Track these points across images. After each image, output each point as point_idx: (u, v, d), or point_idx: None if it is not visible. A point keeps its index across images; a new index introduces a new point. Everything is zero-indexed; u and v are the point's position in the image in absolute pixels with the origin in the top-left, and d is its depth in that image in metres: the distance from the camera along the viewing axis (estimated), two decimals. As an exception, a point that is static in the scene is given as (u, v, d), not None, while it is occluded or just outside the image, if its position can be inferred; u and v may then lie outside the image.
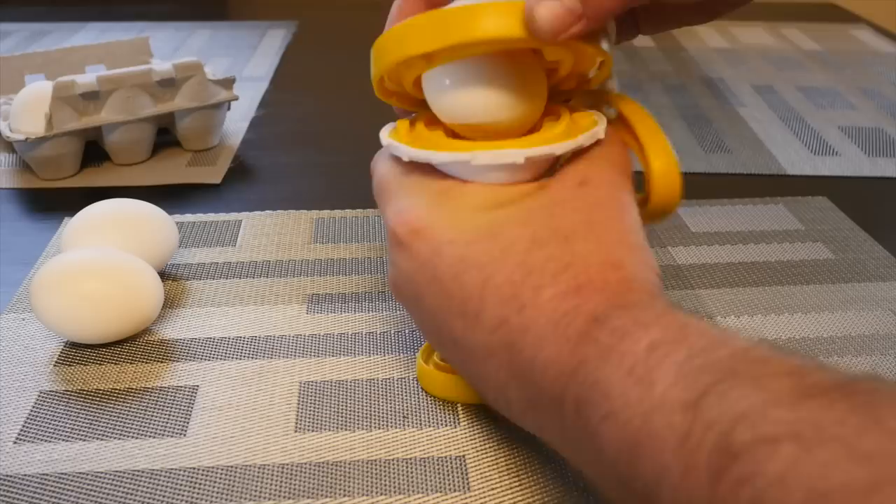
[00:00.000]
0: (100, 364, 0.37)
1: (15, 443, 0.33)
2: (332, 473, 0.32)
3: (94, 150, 0.57)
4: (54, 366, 0.37)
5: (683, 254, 0.48)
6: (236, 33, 0.89)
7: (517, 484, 0.31)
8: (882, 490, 0.16)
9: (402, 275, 0.30)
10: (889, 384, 0.19)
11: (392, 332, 0.40)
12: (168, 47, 0.83)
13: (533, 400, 0.26)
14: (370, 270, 0.45)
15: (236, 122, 0.65)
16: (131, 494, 0.30)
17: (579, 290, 0.25)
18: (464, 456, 0.32)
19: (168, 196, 0.53)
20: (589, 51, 0.30)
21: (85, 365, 0.37)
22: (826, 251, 0.48)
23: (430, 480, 0.31)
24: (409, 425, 0.34)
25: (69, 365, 0.37)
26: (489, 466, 0.32)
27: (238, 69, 0.78)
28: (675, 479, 0.19)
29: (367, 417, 0.34)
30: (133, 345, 0.39)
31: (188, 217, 0.50)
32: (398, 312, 0.42)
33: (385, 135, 0.33)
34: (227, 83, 0.59)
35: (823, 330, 0.41)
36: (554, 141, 0.30)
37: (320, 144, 0.63)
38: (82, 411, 0.35)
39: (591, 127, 0.31)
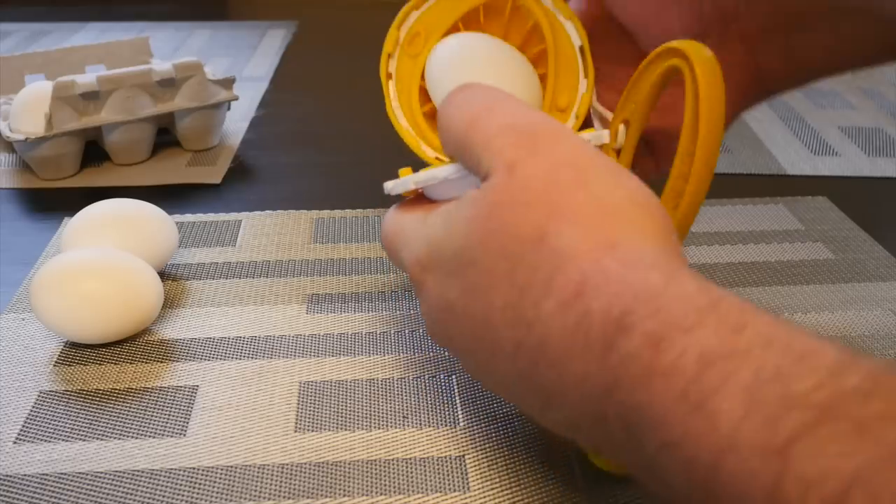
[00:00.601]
0: (100, 364, 0.37)
1: (15, 443, 0.33)
2: (331, 473, 0.32)
3: (94, 150, 0.57)
4: (54, 366, 0.37)
5: (683, 254, 0.48)
6: (236, 33, 0.89)
7: (517, 484, 0.31)
8: None
9: (427, 317, 0.30)
10: None
11: (392, 332, 0.40)
12: (168, 47, 0.83)
13: (575, 420, 0.23)
14: (370, 270, 0.45)
15: (236, 122, 0.65)
16: (131, 494, 0.30)
17: (580, 292, 0.22)
18: (464, 456, 0.32)
19: (168, 196, 0.53)
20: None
21: (85, 365, 0.37)
22: (826, 251, 0.48)
23: (430, 480, 0.31)
24: (408, 425, 0.34)
25: (69, 365, 0.37)
26: (489, 466, 0.32)
27: (238, 69, 0.78)
28: None
29: (367, 417, 0.34)
30: (133, 345, 0.39)
31: (188, 217, 0.50)
32: (398, 312, 0.42)
33: (389, 183, 0.33)
34: (227, 83, 0.59)
35: (823, 330, 0.41)
36: None
37: (320, 144, 0.63)
38: (82, 411, 0.35)
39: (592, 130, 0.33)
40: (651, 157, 0.37)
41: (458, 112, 0.29)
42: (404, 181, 0.32)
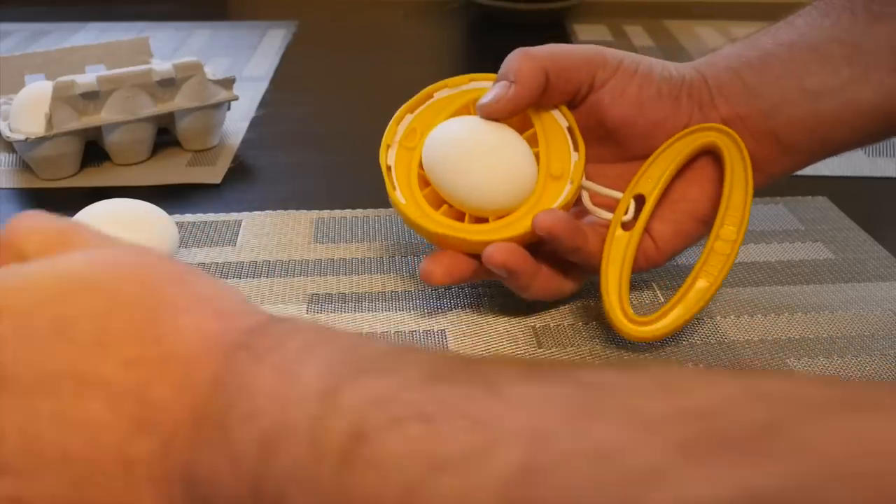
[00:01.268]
0: (100, 364, 0.37)
1: (15, 443, 0.33)
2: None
3: (94, 150, 0.57)
4: (54, 366, 0.37)
5: (684, 254, 0.47)
6: (236, 33, 0.89)
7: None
8: (492, 450, 0.17)
9: None
10: (506, 359, 0.20)
11: (392, 332, 0.40)
12: (168, 47, 0.83)
13: (172, 434, 0.22)
14: (370, 270, 0.45)
15: (236, 122, 0.65)
16: (131, 494, 0.30)
17: (224, 315, 0.24)
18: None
19: (168, 196, 0.53)
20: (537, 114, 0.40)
21: (85, 365, 0.37)
22: (826, 251, 0.48)
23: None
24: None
25: (69, 365, 0.37)
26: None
27: (238, 69, 0.78)
28: (306, 472, 0.19)
29: (366, 417, 0.34)
30: (133, 345, 0.39)
31: (188, 217, 0.50)
32: (398, 312, 0.42)
33: None
34: (227, 83, 0.59)
35: (823, 330, 0.41)
36: None
37: (320, 144, 0.63)
38: (82, 411, 0.35)
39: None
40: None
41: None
42: None
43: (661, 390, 0.18)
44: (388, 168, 0.40)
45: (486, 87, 0.40)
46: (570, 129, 0.40)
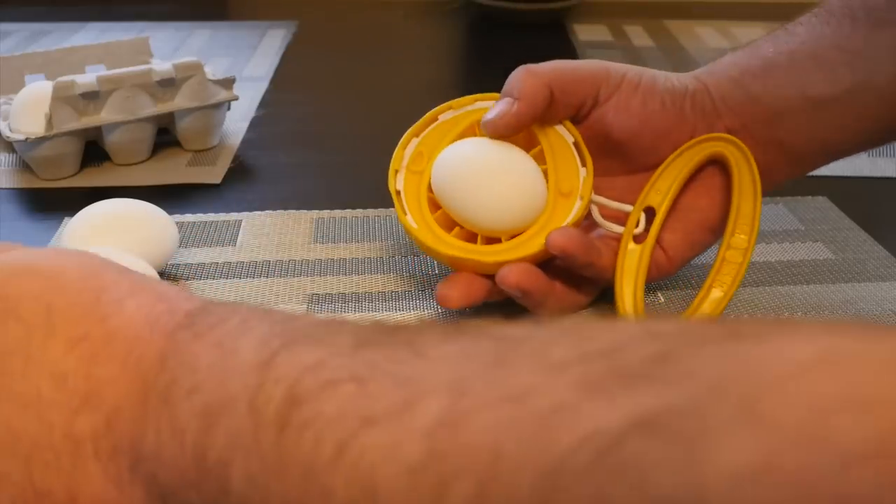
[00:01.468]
0: (100, 364, 0.37)
1: (15, 443, 0.33)
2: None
3: (94, 150, 0.57)
4: (54, 366, 0.37)
5: (683, 254, 0.48)
6: (236, 33, 0.89)
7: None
8: (417, 403, 0.18)
9: None
10: (427, 323, 0.23)
11: (392, 332, 0.40)
12: (168, 47, 0.83)
13: (116, 410, 0.22)
14: (370, 270, 0.45)
15: (236, 122, 0.65)
16: (131, 494, 0.30)
17: (166, 298, 0.25)
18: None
19: (168, 196, 0.53)
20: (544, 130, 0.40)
21: (85, 365, 0.37)
22: (826, 251, 0.48)
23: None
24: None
25: (69, 365, 0.37)
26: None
27: (238, 69, 0.78)
28: (247, 439, 0.20)
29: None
30: (133, 345, 0.39)
31: (188, 217, 0.50)
32: (398, 312, 0.42)
33: None
34: (227, 83, 0.59)
35: (823, 330, 0.41)
36: None
37: (320, 144, 0.63)
38: (82, 411, 0.35)
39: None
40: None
41: None
42: None
43: (567, 337, 0.19)
44: (398, 193, 0.40)
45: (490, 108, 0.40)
46: (576, 145, 0.40)
